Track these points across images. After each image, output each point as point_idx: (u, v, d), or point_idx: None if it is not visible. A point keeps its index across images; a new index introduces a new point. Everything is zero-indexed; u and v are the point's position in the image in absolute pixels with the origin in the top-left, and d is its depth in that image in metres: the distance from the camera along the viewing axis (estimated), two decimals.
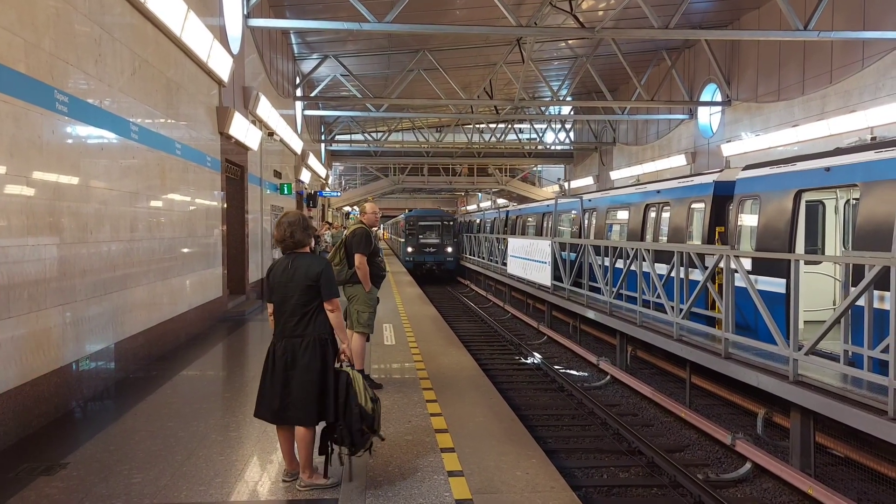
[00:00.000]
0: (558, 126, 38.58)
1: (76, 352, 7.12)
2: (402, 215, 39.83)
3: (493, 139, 38.75)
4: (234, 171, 15.03)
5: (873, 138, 11.10)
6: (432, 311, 15.04)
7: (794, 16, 14.42)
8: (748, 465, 7.95)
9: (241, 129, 14.24)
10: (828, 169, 8.63)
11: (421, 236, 34.56)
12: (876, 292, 7.02)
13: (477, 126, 38.53)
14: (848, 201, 9.77)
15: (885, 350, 6.33)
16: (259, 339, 11.87)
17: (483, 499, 4.81)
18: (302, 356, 4.84)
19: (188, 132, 11.29)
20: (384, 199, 58.47)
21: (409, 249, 34.65)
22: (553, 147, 40.14)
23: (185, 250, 11.04)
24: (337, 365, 4.94)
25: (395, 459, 5.59)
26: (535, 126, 39.39)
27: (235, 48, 14.81)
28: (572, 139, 38.61)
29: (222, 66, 12.79)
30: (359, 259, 7.77)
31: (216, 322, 12.85)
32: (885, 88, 14.91)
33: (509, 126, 38.27)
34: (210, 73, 12.42)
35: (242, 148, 15.16)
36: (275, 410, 4.90)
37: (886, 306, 6.41)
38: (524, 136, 41.32)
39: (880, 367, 6.73)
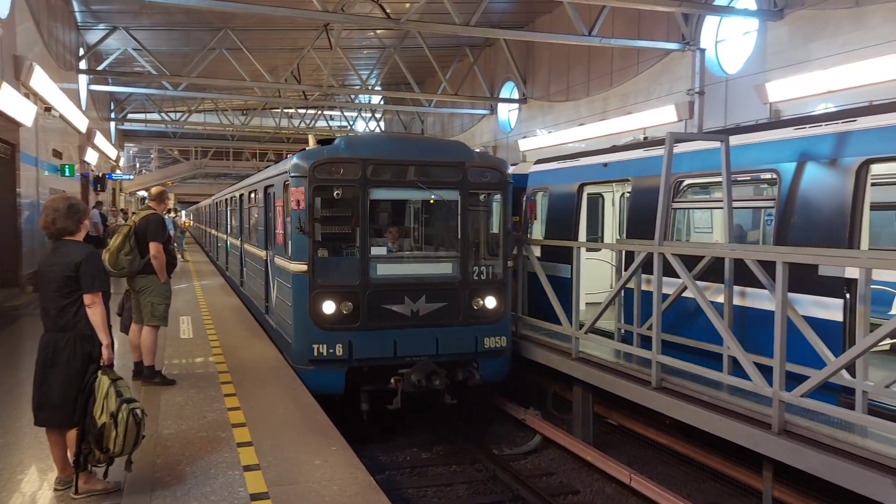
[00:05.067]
0: (369, 115, 38.67)
1: None
2: (292, 160, 8.37)
3: (303, 125, 37.95)
4: (4, 149, 13.42)
5: (645, 138, 12.39)
6: (235, 302, 14.45)
7: (580, 22, 15.65)
8: (538, 438, 8.60)
9: (11, 102, 12.69)
10: (605, 165, 9.51)
11: (377, 251, 8.46)
12: (644, 276, 7.88)
13: (286, 111, 37.51)
14: (623, 194, 10.84)
15: (651, 328, 7.13)
16: (34, 337, 10.70)
17: (279, 490, 4.75)
18: (62, 353, 4.48)
19: None
20: (185, 185, 55.06)
21: (328, 310, 7.93)
22: None
23: None
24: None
25: (187, 457, 5.33)
26: (346, 114, 39.18)
27: (3, 12, 13.14)
28: (382, 129, 38.88)
29: None
30: (155, 248, 7.26)
31: None
32: (656, 93, 16.67)
33: (319, 112, 37.70)
34: None
35: (13, 124, 13.52)
36: (33, 409, 4.55)
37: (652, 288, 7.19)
38: (335, 124, 40.94)
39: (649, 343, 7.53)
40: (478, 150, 8.97)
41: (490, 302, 8.41)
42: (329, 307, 7.84)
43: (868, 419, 5.13)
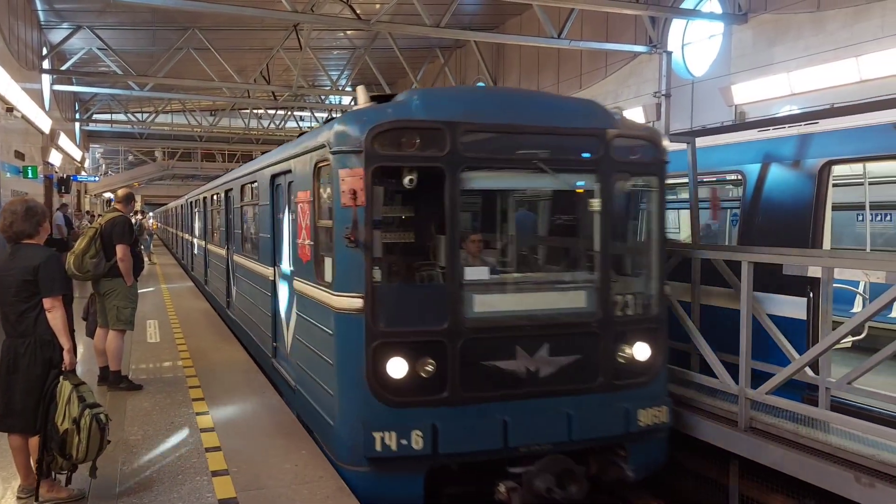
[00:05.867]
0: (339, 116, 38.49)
1: None
2: (333, 127, 5.22)
3: (273, 126, 37.64)
4: None
5: None
6: (204, 306, 14.28)
7: (550, 24, 15.76)
8: None
9: None
10: None
11: (475, 274, 5.51)
12: None
13: (255, 112, 37.16)
14: None
15: None
16: None
17: (248, 496, 4.70)
18: (23, 359, 4.38)
19: None
20: (152, 186, 54.30)
21: (397, 373, 4.94)
22: None
23: None
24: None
25: (154, 463, 5.26)
26: (316, 115, 38.93)
27: None
28: None
29: None
30: (122, 250, 7.14)
31: None
32: (624, 95, 16.86)
33: (289, 113, 37.43)
34: None
35: None
36: None
37: None
38: (305, 125, 40.68)
39: None
40: (612, 109, 5.83)
41: (642, 351, 5.49)
42: (399, 368, 4.88)
43: (831, 415, 5.23)
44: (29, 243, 4.53)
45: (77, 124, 33.64)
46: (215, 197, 13.26)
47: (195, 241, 17.74)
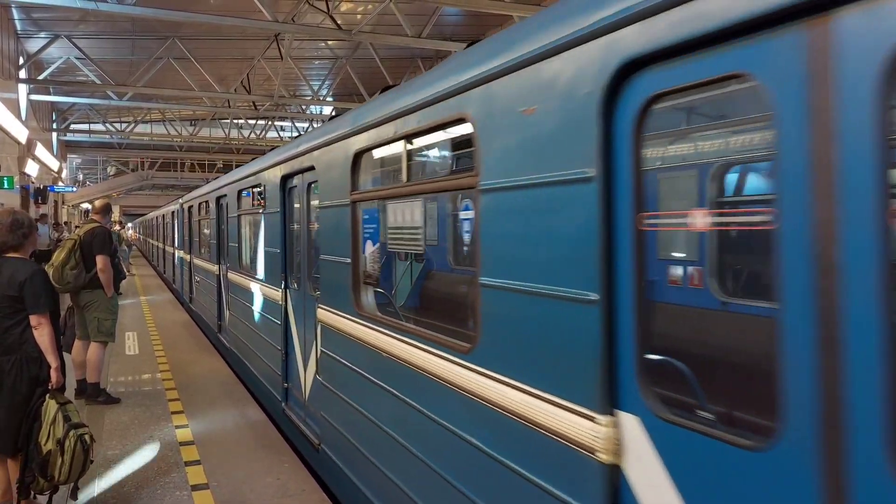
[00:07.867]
0: (320, 126, 38.42)
1: None
2: None
3: (253, 135, 37.47)
4: None
5: None
6: (184, 317, 14.13)
7: None
8: None
9: None
10: None
11: None
12: None
13: (235, 121, 36.98)
14: None
15: None
16: None
17: None
18: (8, 376, 4.23)
19: None
20: (131, 196, 53.80)
21: None
22: None
23: None
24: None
25: (132, 478, 5.18)
26: (297, 125, 38.85)
27: None
28: None
29: None
30: (102, 261, 7.07)
31: None
32: None
33: (270, 123, 37.29)
34: None
35: None
36: None
37: None
38: (286, 134, 40.57)
39: None
40: None
41: None
42: None
43: None
44: (13, 256, 4.40)
45: (54, 134, 33.27)
46: (248, 193, 8.25)
47: (201, 263, 12.85)
